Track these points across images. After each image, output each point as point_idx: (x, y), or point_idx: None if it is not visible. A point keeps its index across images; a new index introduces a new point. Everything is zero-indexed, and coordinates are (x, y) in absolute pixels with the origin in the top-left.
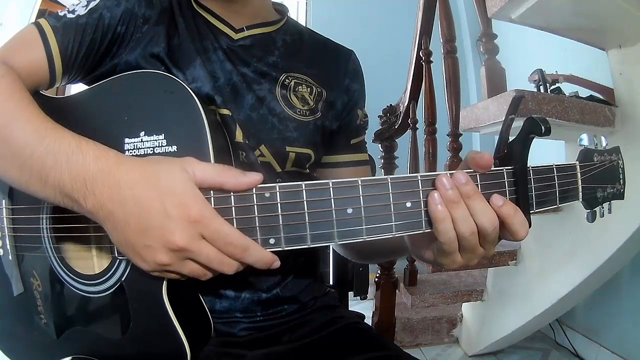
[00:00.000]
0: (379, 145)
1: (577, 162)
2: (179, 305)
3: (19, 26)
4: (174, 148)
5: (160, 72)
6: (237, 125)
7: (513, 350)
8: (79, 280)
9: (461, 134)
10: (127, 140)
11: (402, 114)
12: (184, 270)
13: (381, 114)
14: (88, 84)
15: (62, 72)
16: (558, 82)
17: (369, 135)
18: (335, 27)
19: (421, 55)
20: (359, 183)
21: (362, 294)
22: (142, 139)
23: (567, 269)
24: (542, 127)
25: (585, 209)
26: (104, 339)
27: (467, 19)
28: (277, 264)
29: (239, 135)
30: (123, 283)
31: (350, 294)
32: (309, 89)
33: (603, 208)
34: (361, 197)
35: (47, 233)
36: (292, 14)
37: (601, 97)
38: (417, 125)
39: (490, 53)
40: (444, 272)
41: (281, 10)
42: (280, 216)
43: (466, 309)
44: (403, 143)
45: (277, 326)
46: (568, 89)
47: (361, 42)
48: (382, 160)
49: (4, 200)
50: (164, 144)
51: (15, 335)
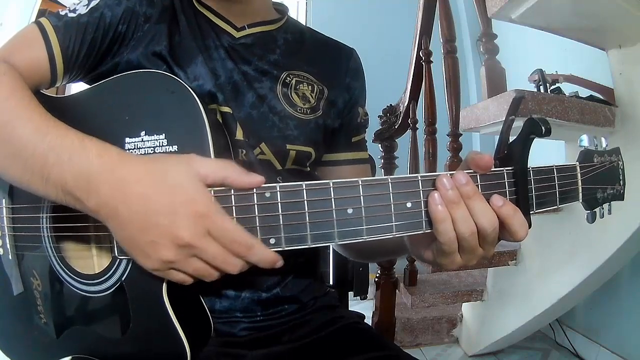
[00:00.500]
0: (379, 145)
1: (577, 163)
2: (179, 305)
3: (19, 26)
4: (175, 148)
5: (161, 72)
6: (237, 124)
7: (513, 350)
8: (79, 279)
9: (461, 134)
10: (128, 139)
11: (402, 114)
12: (188, 269)
13: (381, 114)
14: (89, 83)
15: (64, 71)
16: (558, 82)
17: (369, 135)
18: (335, 27)
19: (421, 55)
20: (360, 183)
21: (362, 294)
22: (143, 139)
23: (567, 269)
24: (543, 128)
25: (585, 210)
26: (103, 339)
27: (467, 19)
28: (281, 263)
29: (239, 134)
30: (123, 283)
31: (350, 294)
32: (310, 87)
33: (603, 209)
34: (362, 197)
35: (47, 232)
36: (292, 13)
37: (601, 97)
38: (417, 125)
39: (490, 53)
40: (444, 272)
41: (281, 10)
42: (280, 216)
43: (466, 309)
44: (403, 143)
45: (277, 326)
46: (568, 89)
47: (361, 42)
48: (382, 160)
49: (4, 200)
50: (164, 144)
51: (15, 334)
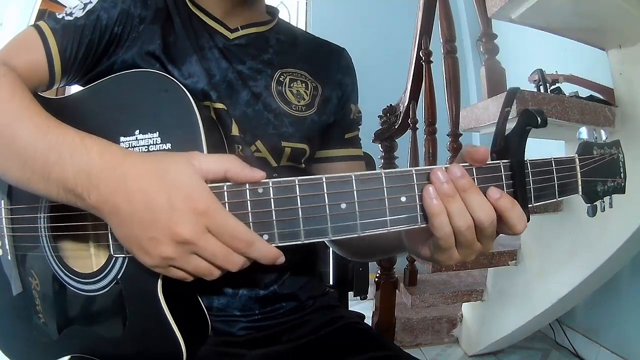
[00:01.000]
0: (379, 145)
1: (576, 155)
2: (175, 303)
3: (19, 26)
4: (169, 146)
5: (154, 71)
6: (232, 120)
7: (513, 350)
8: (77, 278)
9: (461, 134)
10: (123, 138)
11: (402, 114)
12: (188, 267)
13: (381, 114)
14: (84, 85)
15: (62, 73)
16: (558, 82)
17: (369, 135)
18: (335, 27)
19: (421, 55)
20: (353, 178)
21: (362, 294)
22: (137, 137)
23: (567, 269)
24: (538, 119)
25: (586, 203)
26: (101, 338)
27: (467, 19)
28: (282, 259)
29: (235, 130)
30: (119, 281)
31: (350, 294)
32: (304, 84)
33: (604, 202)
34: (355, 192)
35: (45, 232)
36: (292, 13)
37: (601, 97)
38: (417, 125)
39: (490, 53)
40: (444, 272)
41: (272, 12)
42: (273, 212)
43: (466, 309)
44: (403, 143)
45: (276, 326)
46: (568, 89)
47: (361, 42)
48: (382, 160)
49: (2, 201)
50: (158, 142)
51: (14, 334)
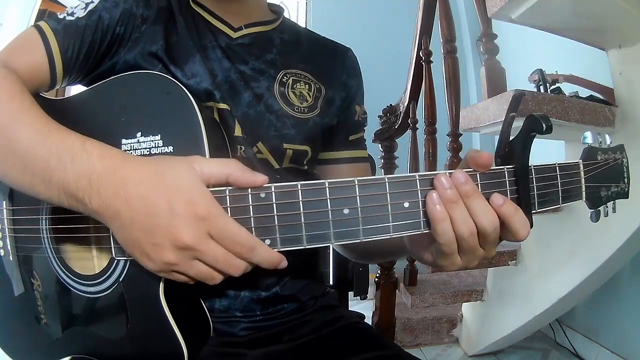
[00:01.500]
0: (379, 145)
1: (581, 161)
2: (177, 305)
3: (19, 26)
4: (170, 148)
5: (156, 73)
6: (236, 120)
7: (513, 350)
8: (78, 280)
9: (461, 134)
10: (124, 141)
11: (402, 114)
12: (190, 272)
13: (381, 114)
14: (86, 85)
15: (63, 74)
16: (558, 82)
17: (369, 135)
18: (335, 27)
19: (421, 55)
20: (356, 183)
21: (362, 294)
22: (139, 140)
23: (567, 269)
24: (544, 125)
25: (589, 209)
26: (103, 339)
27: (467, 19)
28: (284, 263)
29: (238, 130)
30: (121, 283)
31: (350, 294)
32: (307, 85)
33: (607, 207)
34: (358, 197)
35: (47, 234)
36: (292, 13)
37: (601, 97)
38: (417, 125)
39: (490, 53)
40: (444, 272)
41: (277, 11)
42: (275, 217)
43: (466, 309)
44: (403, 143)
45: (277, 326)
46: (568, 89)
47: (361, 42)
48: (382, 160)
49: (4, 202)
50: (160, 144)
51: (16, 335)
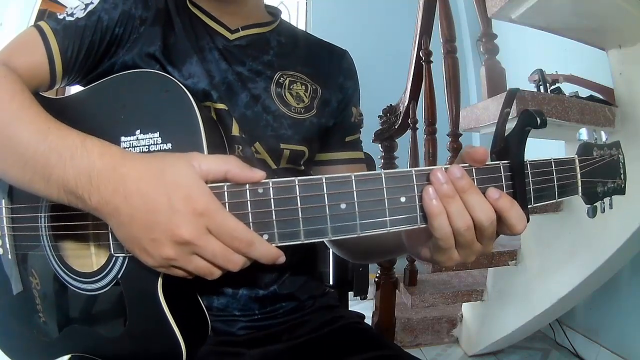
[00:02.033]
0: (379, 145)
1: (576, 156)
2: (175, 303)
3: (19, 26)
4: (169, 145)
5: (155, 71)
6: (233, 120)
7: (513, 350)
8: (77, 278)
9: (461, 134)
10: (123, 138)
11: (402, 114)
12: (189, 267)
13: (381, 114)
14: (85, 85)
15: (62, 74)
16: (558, 82)
17: (369, 135)
18: (335, 27)
19: (421, 55)
20: (353, 178)
21: (362, 294)
22: (138, 137)
23: (567, 269)
24: (538, 119)
25: (586, 204)
26: (101, 337)
27: (467, 19)
28: (283, 259)
29: (235, 130)
30: (119, 280)
31: (350, 294)
32: (303, 86)
33: (604, 203)
34: (355, 192)
35: (45, 231)
36: (292, 14)
37: (601, 97)
38: (417, 125)
39: (490, 53)
40: (444, 272)
41: (274, 13)
42: (273, 212)
43: (466, 309)
44: (403, 143)
45: (276, 325)
46: (568, 89)
47: (361, 42)
48: (382, 160)
49: (3, 200)
50: (159, 142)
51: (14, 334)
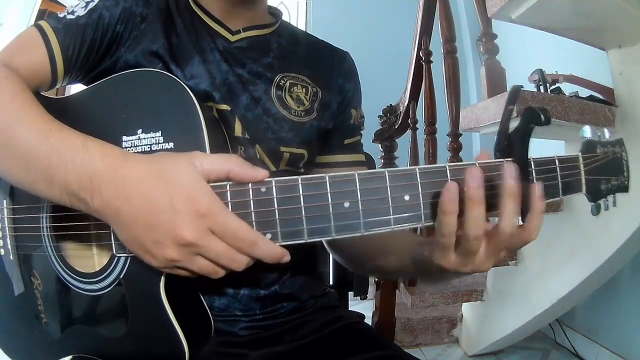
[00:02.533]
0: (379, 145)
1: (580, 154)
2: (178, 303)
3: (19, 26)
4: (171, 145)
5: (157, 71)
6: (236, 120)
7: (513, 350)
8: (79, 278)
9: (461, 134)
10: (125, 138)
11: (402, 114)
12: (193, 267)
13: (381, 114)
14: (87, 84)
15: (64, 73)
16: (558, 82)
17: (369, 135)
18: (335, 27)
19: (421, 55)
20: (356, 176)
21: (362, 294)
22: (140, 137)
23: (567, 269)
24: (542, 117)
25: (589, 202)
26: (103, 337)
27: (467, 19)
28: (287, 258)
29: (238, 130)
30: (121, 280)
31: (350, 294)
32: (304, 89)
33: (607, 201)
34: (358, 191)
35: (47, 232)
36: (292, 14)
37: (601, 97)
38: (417, 125)
39: (490, 53)
40: None
41: (276, 14)
42: (276, 211)
43: (466, 309)
44: (403, 143)
45: (278, 326)
46: (568, 89)
47: (361, 42)
48: (382, 160)
49: (4, 200)
50: (161, 141)
51: (16, 335)
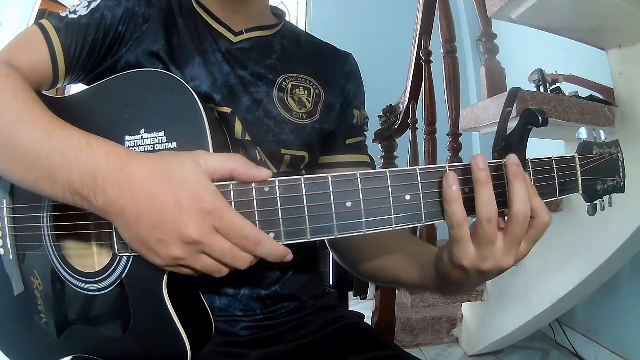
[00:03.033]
0: (379, 145)
1: (577, 155)
2: (179, 302)
3: (19, 26)
4: (174, 145)
5: (160, 71)
6: (237, 122)
7: (513, 350)
8: (80, 278)
9: (461, 134)
10: (128, 137)
11: (402, 114)
12: (197, 265)
13: (381, 114)
14: (89, 84)
15: (65, 72)
16: (558, 82)
17: (369, 135)
18: (335, 27)
19: (421, 55)
20: (358, 176)
21: (362, 294)
22: (143, 137)
23: (567, 269)
24: (540, 118)
25: (586, 202)
26: (104, 338)
27: (467, 19)
28: (290, 256)
29: (239, 132)
30: (123, 280)
31: (350, 294)
32: (306, 91)
33: (604, 201)
34: (360, 191)
35: (48, 231)
36: (292, 14)
37: (601, 97)
38: (417, 125)
39: (490, 53)
40: None
41: (279, 15)
42: (279, 210)
43: (466, 309)
44: (403, 143)
45: (279, 326)
46: (568, 89)
47: (361, 42)
48: (382, 160)
49: (5, 200)
50: (164, 141)
51: (15, 335)
